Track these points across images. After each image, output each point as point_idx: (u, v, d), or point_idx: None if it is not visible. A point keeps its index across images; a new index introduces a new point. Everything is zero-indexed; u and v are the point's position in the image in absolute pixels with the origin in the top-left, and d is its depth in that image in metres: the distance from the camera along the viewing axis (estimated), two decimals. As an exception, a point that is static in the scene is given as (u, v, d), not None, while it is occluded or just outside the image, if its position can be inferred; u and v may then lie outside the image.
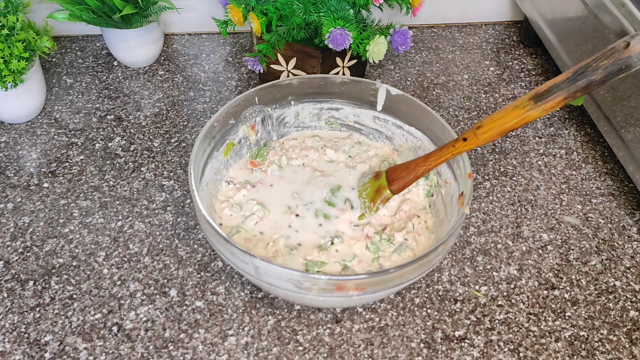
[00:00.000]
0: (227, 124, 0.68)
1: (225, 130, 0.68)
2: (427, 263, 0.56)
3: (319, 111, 0.74)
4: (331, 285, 0.54)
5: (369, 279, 0.54)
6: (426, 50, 0.97)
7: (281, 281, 0.54)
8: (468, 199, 0.59)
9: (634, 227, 0.72)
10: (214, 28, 0.93)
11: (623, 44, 0.49)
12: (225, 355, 0.58)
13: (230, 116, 0.68)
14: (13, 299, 0.62)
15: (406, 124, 0.71)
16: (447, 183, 0.66)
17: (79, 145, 0.78)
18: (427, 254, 0.54)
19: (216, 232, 0.55)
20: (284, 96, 0.72)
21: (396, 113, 0.71)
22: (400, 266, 0.53)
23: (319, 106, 0.74)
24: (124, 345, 0.59)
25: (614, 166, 0.79)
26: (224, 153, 0.69)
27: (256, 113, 0.71)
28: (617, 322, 0.63)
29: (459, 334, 0.61)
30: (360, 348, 0.59)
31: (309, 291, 0.54)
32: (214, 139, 0.66)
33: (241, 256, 0.54)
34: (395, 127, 0.72)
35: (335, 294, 0.55)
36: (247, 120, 0.70)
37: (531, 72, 0.93)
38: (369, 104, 0.72)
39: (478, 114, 0.86)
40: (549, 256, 0.68)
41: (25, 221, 0.69)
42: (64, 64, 0.91)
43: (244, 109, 0.69)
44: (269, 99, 0.71)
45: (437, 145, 0.67)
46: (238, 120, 0.69)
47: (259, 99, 0.70)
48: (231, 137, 0.69)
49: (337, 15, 0.75)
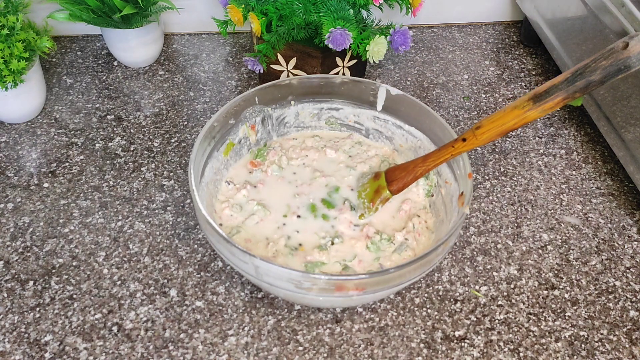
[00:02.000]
0: (227, 124, 0.68)
1: (226, 130, 0.68)
2: (427, 263, 0.56)
3: (319, 111, 0.74)
4: (331, 285, 0.54)
5: (368, 279, 0.54)
6: (426, 50, 0.97)
7: (281, 281, 0.54)
8: (468, 199, 0.59)
9: (634, 227, 0.72)
10: (214, 28, 0.93)
11: (622, 44, 0.49)
12: (225, 355, 0.58)
13: (230, 116, 0.68)
14: (13, 299, 0.62)
15: (406, 124, 0.71)
16: (447, 183, 0.66)
17: (79, 145, 0.78)
18: (427, 254, 0.54)
19: (216, 232, 0.55)
20: (284, 96, 0.72)
21: (396, 113, 0.71)
22: (400, 266, 0.53)
23: (319, 106, 0.74)
24: (124, 345, 0.59)
25: (614, 166, 0.79)
26: (224, 153, 0.69)
27: (256, 113, 0.71)
28: (617, 322, 0.63)
29: (459, 334, 0.61)
30: (360, 348, 0.59)
31: (309, 291, 0.54)
32: (214, 139, 0.66)
33: (241, 256, 0.54)
34: (396, 127, 0.72)
35: (335, 294, 0.55)
36: (247, 120, 0.70)
37: (531, 72, 0.93)
38: (369, 104, 0.72)
39: (478, 114, 0.86)
40: (549, 256, 0.68)
41: (25, 221, 0.69)
42: (64, 64, 0.91)
43: (244, 109, 0.69)
44: (269, 99, 0.71)
45: (437, 146, 0.67)
46: (238, 120, 0.69)
47: (259, 99, 0.70)
48: (231, 137, 0.69)
49: (337, 15, 0.75)
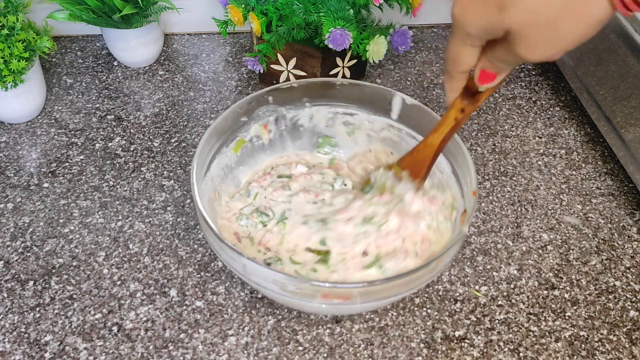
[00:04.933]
0: (239, 121, 0.67)
1: (237, 127, 0.67)
2: (415, 279, 0.54)
3: (333, 115, 0.72)
4: (315, 291, 0.53)
5: (354, 289, 0.53)
6: (426, 50, 0.97)
7: (267, 282, 0.54)
8: (469, 217, 0.57)
9: (634, 227, 0.72)
10: (214, 28, 0.93)
11: None
12: (225, 355, 0.58)
13: (243, 113, 0.67)
14: (13, 299, 0.62)
15: (419, 135, 0.68)
16: (454, 199, 0.64)
17: (79, 145, 0.78)
18: (417, 270, 0.53)
19: (209, 226, 0.55)
20: (298, 97, 0.70)
21: (410, 123, 0.69)
22: (387, 279, 0.53)
23: (334, 110, 0.72)
24: (124, 345, 0.59)
25: (614, 166, 0.79)
26: (234, 149, 0.68)
27: (269, 112, 0.70)
28: (617, 322, 0.63)
29: (459, 334, 0.61)
30: (360, 348, 0.59)
31: (294, 295, 0.54)
32: (224, 135, 0.66)
33: (230, 253, 0.54)
34: (409, 137, 0.70)
35: (320, 300, 0.54)
36: (260, 119, 0.69)
37: (531, 72, 0.93)
38: (384, 111, 0.70)
39: (478, 114, 0.86)
40: (549, 256, 0.68)
41: (25, 221, 0.69)
42: (64, 64, 0.91)
43: (257, 107, 0.68)
44: (283, 99, 0.69)
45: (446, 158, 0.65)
46: (250, 118, 0.68)
47: (274, 99, 0.69)
48: (242, 134, 0.68)
49: (337, 15, 0.75)
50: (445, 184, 0.65)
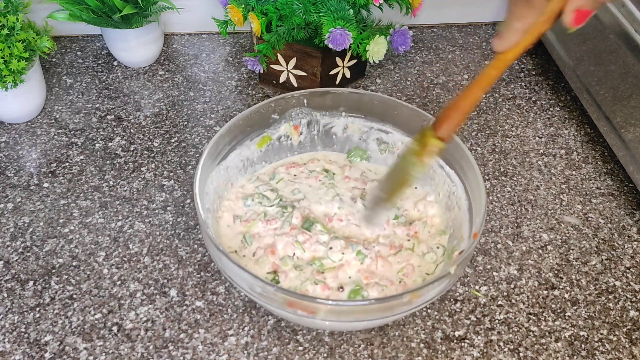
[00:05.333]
0: (270, 118, 0.67)
1: (265, 123, 0.67)
2: (389, 308, 0.52)
3: (368, 129, 0.71)
4: (281, 298, 0.52)
5: (318, 305, 0.52)
6: (426, 50, 0.97)
7: (238, 280, 0.54)
8: (463, 258, 0.54)
9: (634, 227, 0.72)
10: (214, 28, 0.93)
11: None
12: (225, 355, 0.58)
13: (273, 110, 0.67)
14: (13, 299, 0.62)
15: (447, 165, 0.66)
16: (462, 238, 0.62)
17: (79, 145, 0.78)
18: (390, 298, 0.52)
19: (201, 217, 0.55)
20: (335, 105, 0.69)
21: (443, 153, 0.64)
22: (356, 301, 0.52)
23: (369, 124, 0.70)
24: (124, 345, 0.59)
25: (614, 166, 0.79)
26: (258, 144, 0.68)
27: (303, 115, 0.69)
28: (617, 322, 0.63)
29: (459, 334, 0.61)
30: (360, 348, 0.59)
31: (261, 297, 0.54)
32: (250, 127, 0.66)
33: (211, 247, 0.54)
34: (437, 165, 0.67)
35: (286, 309, 0.53)
36: (292, 120, 0.69)
37: (531, 72, 0.93)
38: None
39: (478, 114, 0.86)
40: (549, 256, 0.68)
41: (25, 221, 0.69)
42: (64, 64, 0.91)
43: (290, 108, 0.68)
44: (318, 104, 0.69)
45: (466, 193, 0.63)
46: (282, 117, 0.68)
47: (308, 102, 0.68)
48: (270, 131, 0.68)
49: (337, 15, 0.75)
50: (459, 223, 0.63)
